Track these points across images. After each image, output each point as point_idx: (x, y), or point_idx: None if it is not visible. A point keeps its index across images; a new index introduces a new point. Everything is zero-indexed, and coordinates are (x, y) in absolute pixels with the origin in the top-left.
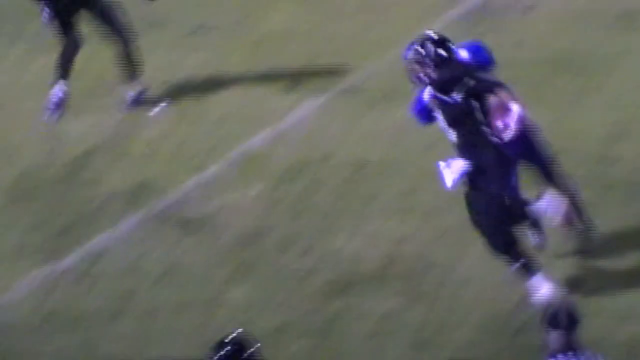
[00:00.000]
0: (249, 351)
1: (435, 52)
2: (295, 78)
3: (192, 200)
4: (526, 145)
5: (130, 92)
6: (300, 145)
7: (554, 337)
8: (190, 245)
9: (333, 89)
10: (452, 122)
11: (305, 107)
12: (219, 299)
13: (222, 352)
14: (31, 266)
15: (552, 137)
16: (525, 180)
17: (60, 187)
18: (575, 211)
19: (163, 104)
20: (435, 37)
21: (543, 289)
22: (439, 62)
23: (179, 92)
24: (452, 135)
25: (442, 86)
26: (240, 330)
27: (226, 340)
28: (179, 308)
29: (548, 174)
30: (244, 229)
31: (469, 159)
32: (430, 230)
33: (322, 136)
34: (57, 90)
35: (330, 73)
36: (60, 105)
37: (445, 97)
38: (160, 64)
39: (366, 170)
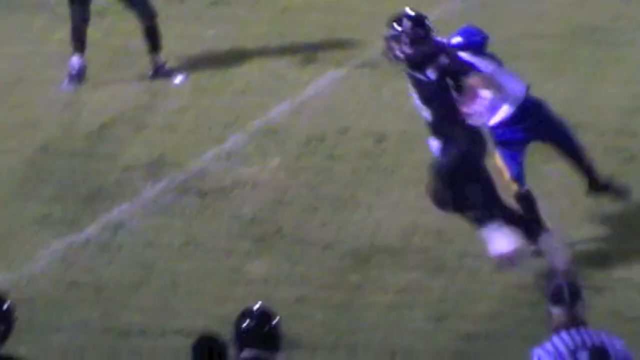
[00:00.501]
0: (271, 323)
1: (412, 28)
2: (315, 51)
3: (212, 173)
4: (533, 125)
5: (151, 64)
6: (320, 117)
7: (557, 313)
8: (210, 218)
9: (352, 62)
10: (426, 100)
11: (325, 79)
12: (238, 271)
13: (244, 325)
14: (52, 237)
15: (572, 109)
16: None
17: (81, 159)
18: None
19: (183, 76)
20: (412, 14)
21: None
22: (415, 39)
23: (199, 64)
24: (427, 114)
25: (417, 63)
26: (261, 302)
27: (248, 312)
28: (198, 280)
29: (569, 149)
30: (264, 201)
31: (442, 138)
32: None
33: (341, 108)
34: (74, 62)
35: (350, 46)
36: (78, 77)
37: (419, 75)
38: (181, 36)
39: (386, 143)
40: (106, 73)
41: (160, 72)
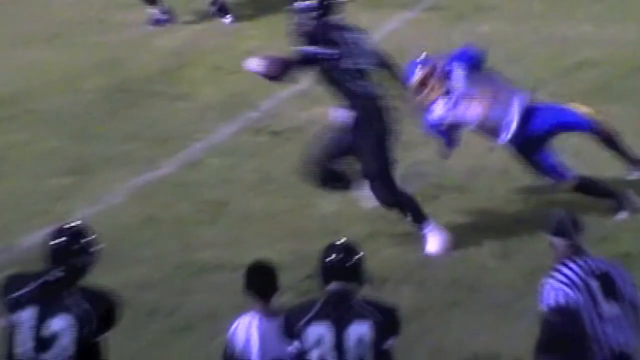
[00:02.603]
0: (355, 258)
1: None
2: None
3: (285, 112)
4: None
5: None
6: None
7: (562, 244)
8: (284, 155)
9: (419, 5)
10: (328, 78)
11: (396, 20)
12: (309, 207)
13: (330, 259)
14: (130, 174)
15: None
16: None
17: (158, 99)
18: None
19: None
20: None
21: (435, 240)
22: (321, 15)
23: (272, 8)
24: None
25: (317, 38)
26: (345, 238)
27: (334, 247)
28: (271, 216)
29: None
30: None
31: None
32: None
33: (410, 49)
34: (154, 13)
35: None
36: (159, 24)
37: (322, 51)
38: None
39: None
40: (182, 16)
41: (233, 15)
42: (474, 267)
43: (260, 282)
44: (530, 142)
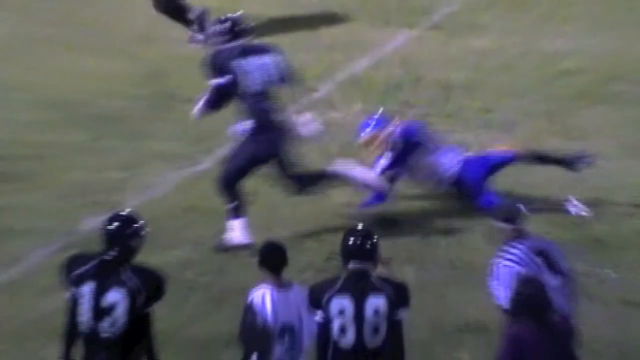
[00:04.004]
0: (371, 241)
1: (227, 29)
2: (392, 14)
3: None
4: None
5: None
6: (396, 69)
7: (508, 228)
8: (303, 153)
9: (422, 24)
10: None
11: (400, 38)
12: (326, 198)
13: (350, 242)
14: (173, 169)
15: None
16: None
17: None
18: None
19: None
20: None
21: (238, 232)
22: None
23: (294, 24)
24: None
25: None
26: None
27: (353, 231)
28: (293, 205)
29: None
30: (350, 139)
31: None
32: (497, 139)
33: (414, 62)
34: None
35: (419, 12)
36: (197, 42)
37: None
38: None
39: (451, 90)
40: None
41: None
42: (468, 249)
43: (272, 258)
44: (469, 187)
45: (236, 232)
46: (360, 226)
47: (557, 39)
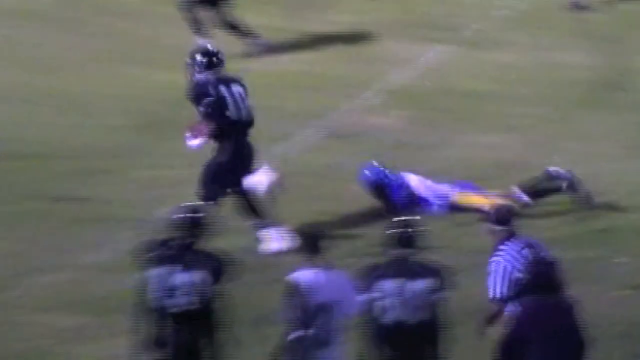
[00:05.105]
0: (413, 230)
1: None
2: (424, 31)
3: (348, 121)
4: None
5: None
6: (429, 80)
7: (501, 230)
8: (346, 154)
9: (452, 40)
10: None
11: (433, 53)
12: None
13: (395, 230)
14: None
15: None
16: None
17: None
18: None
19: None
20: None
21: (274, 241)
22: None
23: (336, 40)
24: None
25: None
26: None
27: (398, 222)
28: (337, 197)
29: None
30: (387, 142)
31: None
32: (517, 142)
33: (444, 73)
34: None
35: (449, 28)
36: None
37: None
38: (322, 20)
39: (471, 98)
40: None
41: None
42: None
43: (311, 243)
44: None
45: (272, 241)
46: (403, 217)
47: (568, 54)
